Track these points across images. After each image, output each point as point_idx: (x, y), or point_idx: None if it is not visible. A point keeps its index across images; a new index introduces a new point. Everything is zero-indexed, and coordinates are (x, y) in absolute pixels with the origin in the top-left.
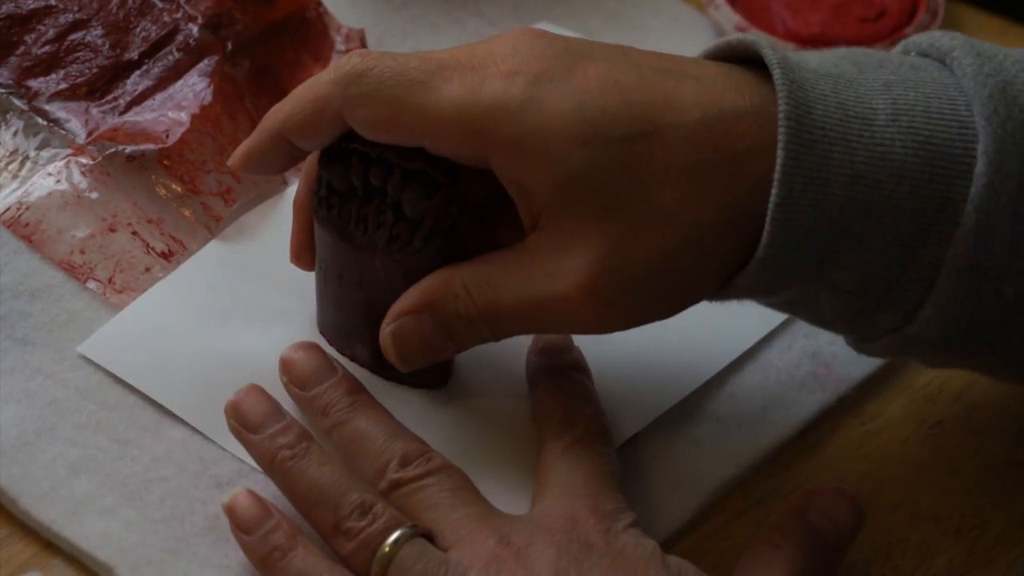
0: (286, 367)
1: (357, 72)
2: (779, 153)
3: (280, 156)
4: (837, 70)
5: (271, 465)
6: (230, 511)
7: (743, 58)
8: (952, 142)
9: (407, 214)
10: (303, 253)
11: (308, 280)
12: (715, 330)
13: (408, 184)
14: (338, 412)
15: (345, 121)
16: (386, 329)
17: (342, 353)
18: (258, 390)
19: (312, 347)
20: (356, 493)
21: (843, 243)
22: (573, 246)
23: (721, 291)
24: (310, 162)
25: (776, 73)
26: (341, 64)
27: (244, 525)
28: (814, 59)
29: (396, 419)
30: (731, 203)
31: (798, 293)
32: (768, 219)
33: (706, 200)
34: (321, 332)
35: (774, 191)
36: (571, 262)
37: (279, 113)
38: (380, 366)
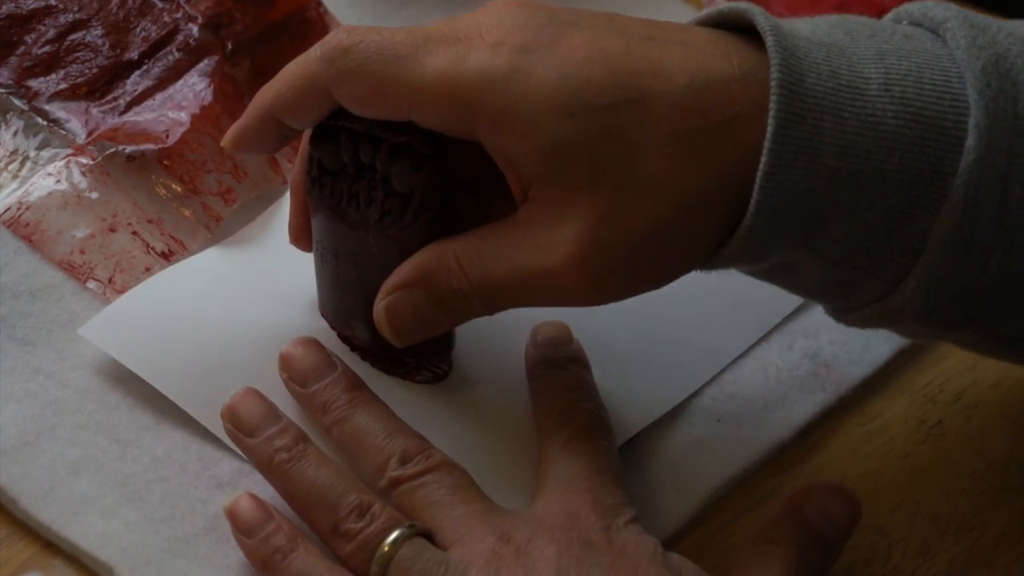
0: (285, 363)
1: (343, 48)
2: (770, 121)
3: (271, 136)
4: (830, 39)
5: (268, 468)
6: (231, 515)
7: (734, 27)
8: (944, 115)
9: (396, 189)
10: (301, 234)
11: (309, 269)
12: (715, 330)
13: (396, 158)
14: (338, 409)
15: (333, 98)
16: (379, 304)
17: (342, 333)
18: (253, 393)
19: (311, 343)
20: (354, 494)
21: (830, 212)
22: (562, 217)
23: (708, 260)
24: (305, 143)
25: (769, 40)
26: (327, 40)
27: (245, 528)
28: (806, 27)
29: (396, 415)
30: (719, 171)
31: (782, 261)
32: (756, 187)
33: (694, 168)
34: (322, 314)
35: (763, 159)
36: (560, 234)
37: (268, 92)
38: (379, 345)
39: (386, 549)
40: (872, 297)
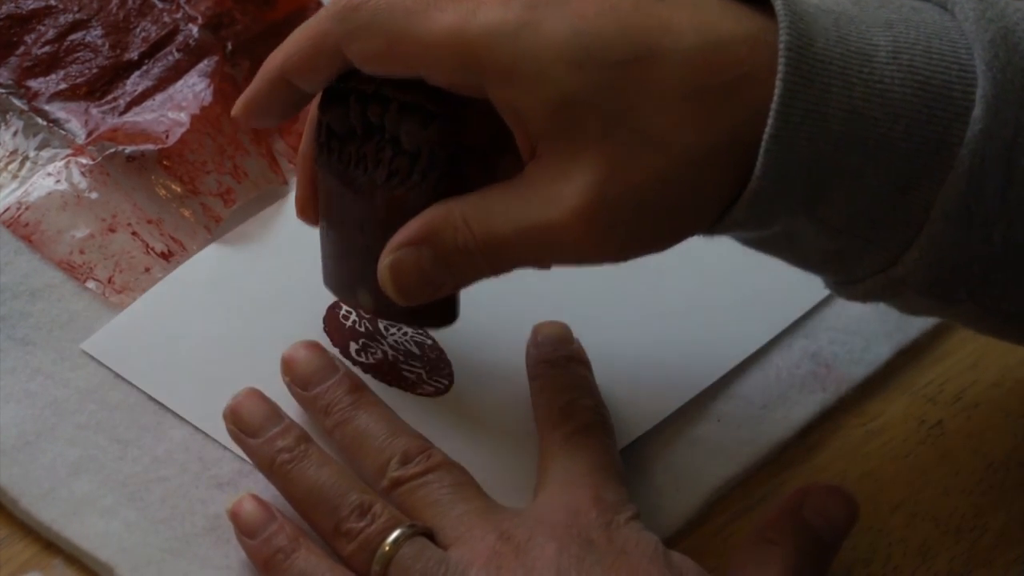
0: (287, 367)
1: (353, 5)
2: (777, 83)
3: (281, 101)
4: (838, 7)
5: (270, 469)
6: (234, 516)
7: None
8: (951, 84)
9: (405, 147)
10: (307, 205)
11: (310, 276)
12: (719, 334)
13: (405, 116)
14: (339, 411)
15: (344, 57)
16: (384, 262)
17: (346, 304)
18: (256, 393)
19: (313, 346)
20: (355, 494)
21: (835, 179)
22: (569, 171)
23: (713, 225)
24: (313, 112)
25: (778, 4)
26: None
27: (247, 529)
28: None
29: (398, 416)
30: (727, 129)
31: (784, 229)
32: (762, 149)
33: (702, 125)
34: (326, 286)
35: (770, 121)
36: (567, 188)
37: (278, 54)
38: (383, 310)
39: (387, 548)
40: (874, 268)
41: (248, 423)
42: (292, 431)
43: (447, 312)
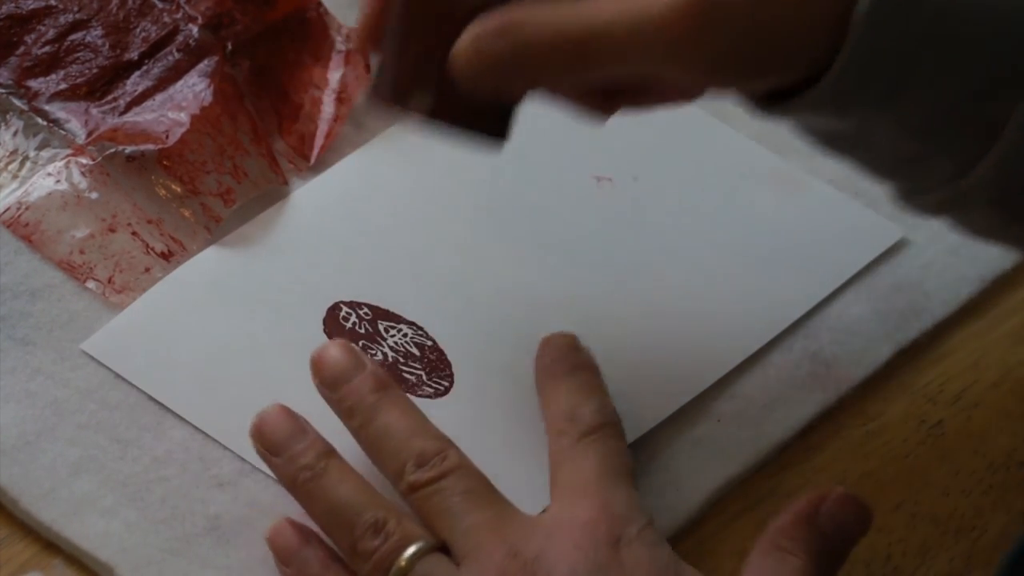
0: (315, 369)
1: None
2: None
3: None
4: None
5: (293, 487)
6: (271, 542)
7: None
8: None
9: None
10: (372, 33)
11: (310, 278)
12: (719, 333)
13: None
14: (362, 412)
15: None
16: (463, 42)
17: (398, 108)
18: (281, 410)
19: (340, 345)
20: (370, 511)
21: (918, 75)
22: None
23: (793, 100)
24: None
25: None
26: None
27: (282, 556)
28: None
29: (420, 413)
30: None
31: (861, 124)
32: (852, 28)
33: None
34: (372, 101)
35: (862, 5)
36: None
37: None
38: (440, 110)
39: (402, 564)
40: (946, 176)
41: (272, 441)
42: (314, 447)
43: (502, 125)
